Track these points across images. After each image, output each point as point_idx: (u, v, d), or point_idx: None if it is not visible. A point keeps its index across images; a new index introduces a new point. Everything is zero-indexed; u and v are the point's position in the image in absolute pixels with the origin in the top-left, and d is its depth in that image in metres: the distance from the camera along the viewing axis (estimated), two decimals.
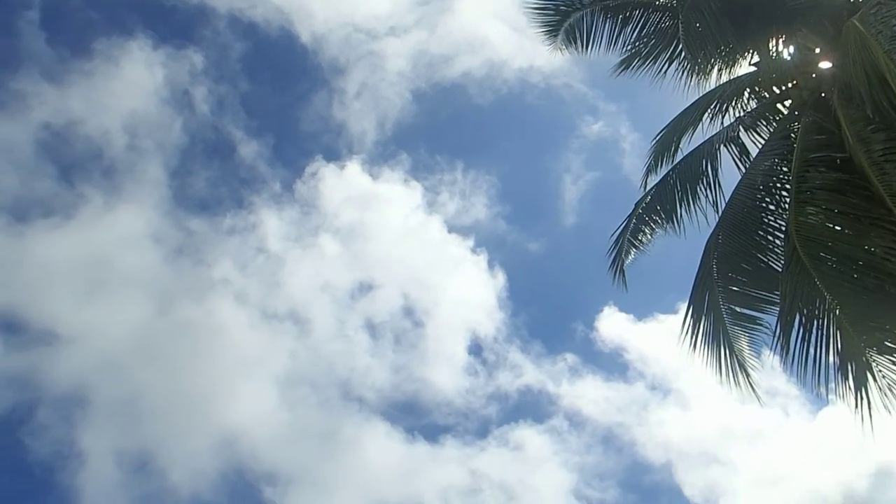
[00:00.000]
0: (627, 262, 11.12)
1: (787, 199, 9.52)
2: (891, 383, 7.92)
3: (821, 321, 8.25)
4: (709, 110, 11.66)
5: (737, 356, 10.10)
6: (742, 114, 11.50)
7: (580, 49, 12.36)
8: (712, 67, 11.29)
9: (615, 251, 11.06)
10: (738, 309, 10.15)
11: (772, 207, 10.02)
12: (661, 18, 11.78)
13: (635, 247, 11.08)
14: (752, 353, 10.19)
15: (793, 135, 10.04)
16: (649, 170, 12.47)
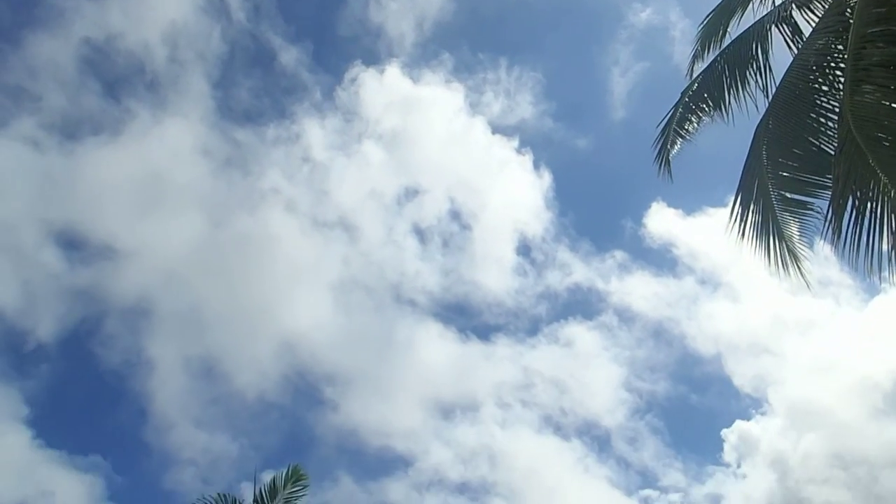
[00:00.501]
0: (673, 153, 10.90)
1: (842, 79, 9.12)
2: None
3: (875, 204, 8.02)
4: None
5: (787, 244, 9.97)
6: None
7: None
8: None
9: (661, 142, 10.83)
10: (788, 195, 9.96)
11: (825, 88, 9.63)
12: None
13: (681, 137, 10.83)
14: (804, 241, 10.05)
15: (849, 10, 9.51)
16: (696, 57, 12.05)
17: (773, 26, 10.80)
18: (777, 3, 11.01)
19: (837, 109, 9.06)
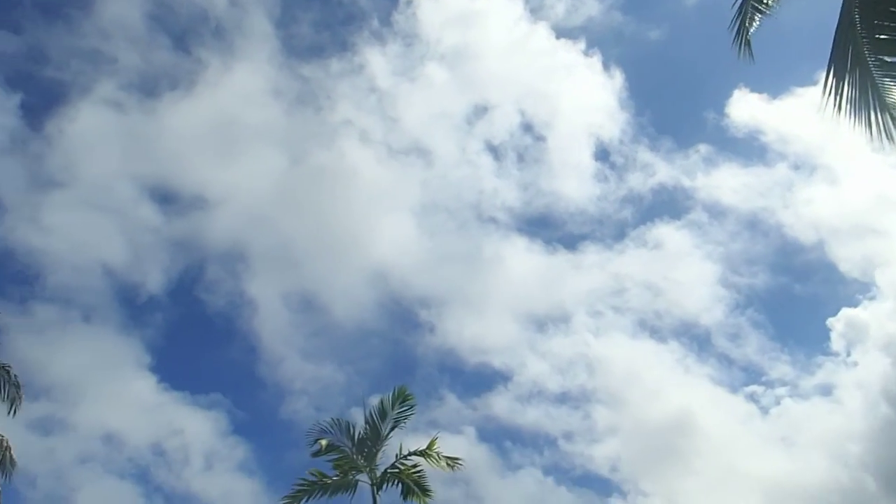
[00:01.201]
0: (752, 31, 9.95)
1: None
2: None
3: None
4: None
5: (890, 112, 9.12)
6: None
7: None
8: None
9: (738, 21, 9.89)
10: (887, 59, 9.03)
11: None
12: None
13: (760, 12, 9.84)
14: None
15: None
16: None
17: None
18: None
19: None
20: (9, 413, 19.04)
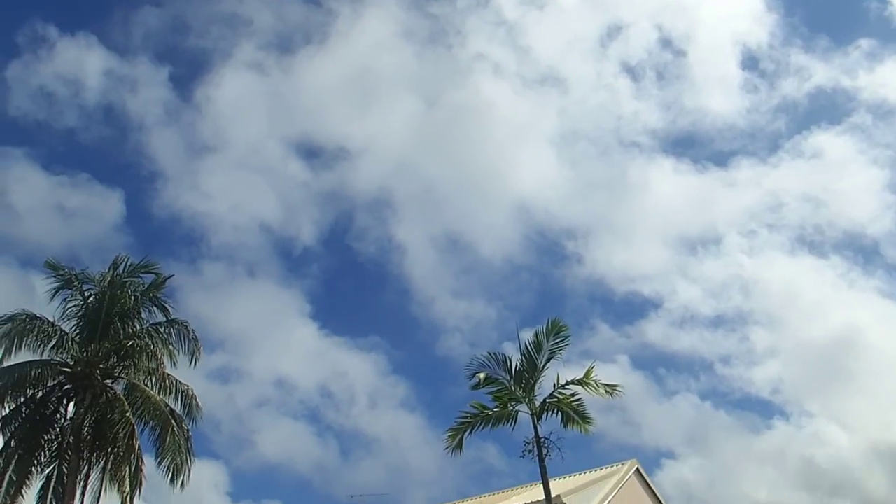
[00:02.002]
0: None
1: None
2: None
3: None
4: None
5: None
6: None
7: None
8: None
9: None
10: None
11: None
12: None
13: None
14: None
15: None
16: None
17: None
18: None
19: None
20: (190, 365, 20.77)
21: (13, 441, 19.42)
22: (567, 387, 17.88)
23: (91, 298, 20.52)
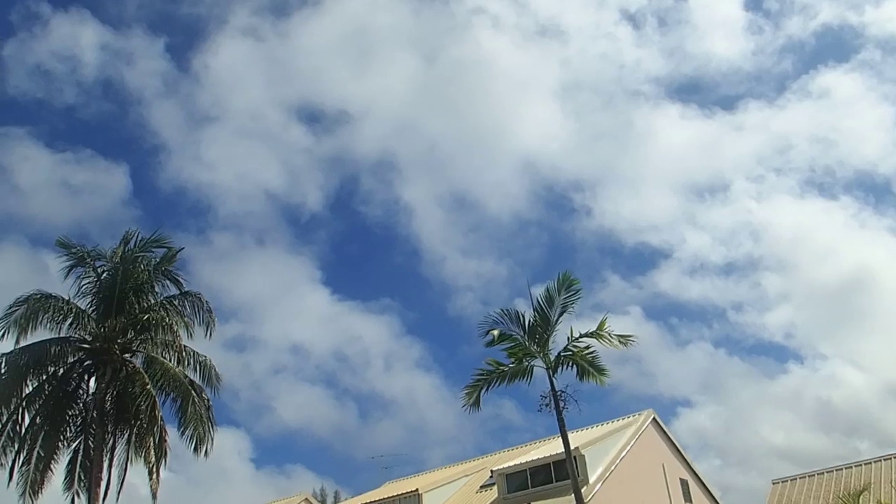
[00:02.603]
0: None
1: None
2: None
3: None
4: None
5: None
6: None
7: None
8: None
9: None
10: None
11: None
12: None
13: None
14: None
15: None
16: None
17: None
18: None
19: None
20: (205, 336, 20.96)
21: (38, 418, 19.76)
22: (581, 340, 17.98)
23: (104, 275, 20.65)
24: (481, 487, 26.30)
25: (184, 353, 20.62)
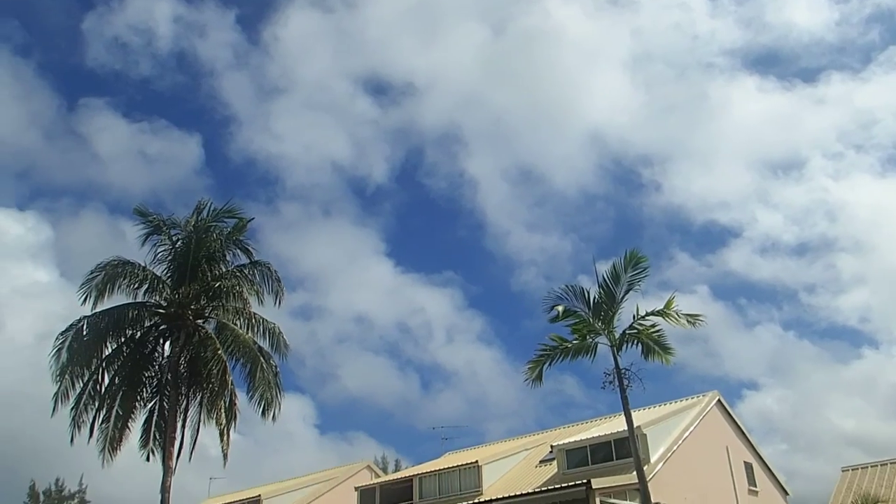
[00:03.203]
0: None
1: None
2: None
3: None
4: None
5: None
6: None
7: None
8: None
9: None
10: None
11: None
12: None
13: None
14: None
15: None
16: None
17: None
18: None
19: None
20: (274, 305, 21.50)
21: (117, 378, 20.70)
22: (647, 318, 17.69)
23: (179, 243, 21.36)
24: (541, 462, 26.37)
25: (253, 321, 21.23)
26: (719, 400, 27.75)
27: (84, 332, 20.16)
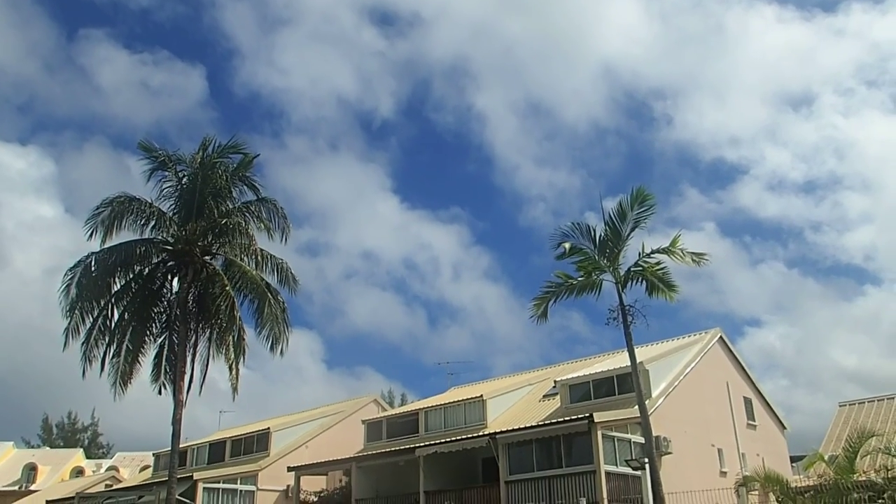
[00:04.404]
0: None
1: None
2: None
3: None
4: None
5: None
6: None
7: None
8: None
9: None
10: None
11: None
12: None
13: None
14: None
15: None
16: None
17: None
18: None
19: None
20: (281, 241, 21.56)
21: (126, 313, 20.94)
22: (652, 255, 17.77)
23: (184, 179, 21.28)
24: (544, 396, 26.84)
25: (261, 257, 21.32)
26: (721, 337, 28.04)
27: (93, 268, 20.31)
